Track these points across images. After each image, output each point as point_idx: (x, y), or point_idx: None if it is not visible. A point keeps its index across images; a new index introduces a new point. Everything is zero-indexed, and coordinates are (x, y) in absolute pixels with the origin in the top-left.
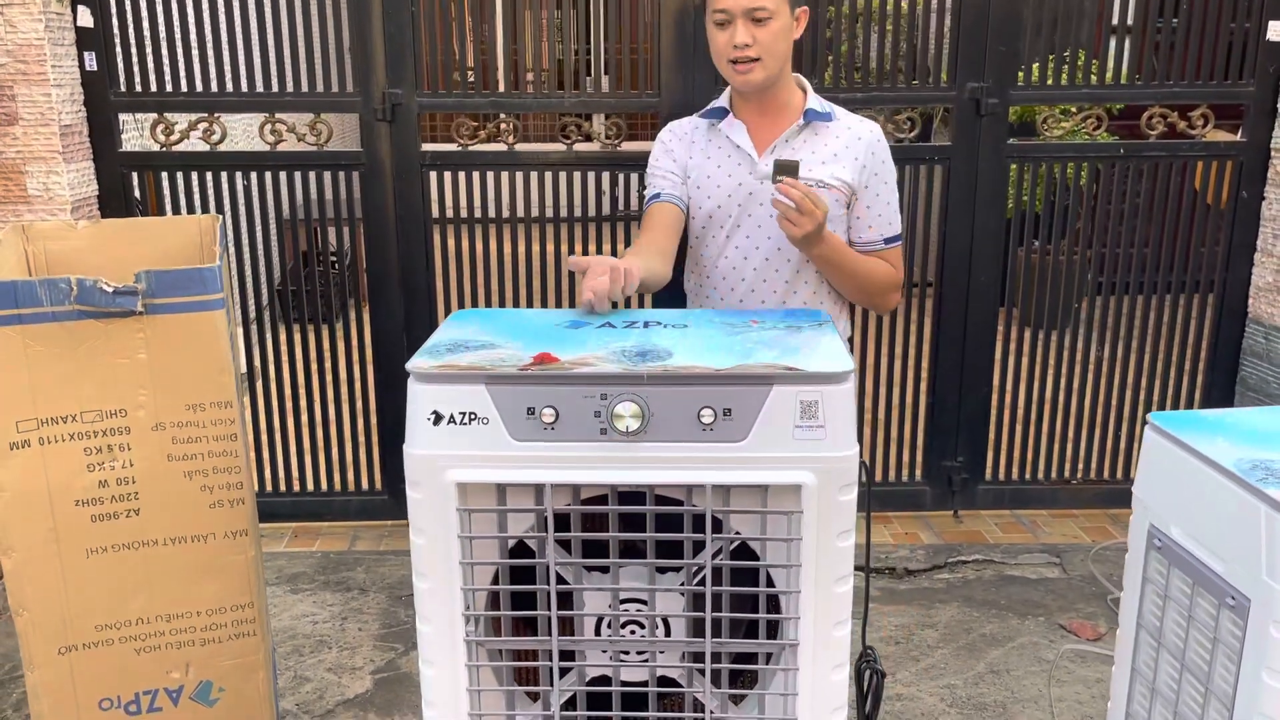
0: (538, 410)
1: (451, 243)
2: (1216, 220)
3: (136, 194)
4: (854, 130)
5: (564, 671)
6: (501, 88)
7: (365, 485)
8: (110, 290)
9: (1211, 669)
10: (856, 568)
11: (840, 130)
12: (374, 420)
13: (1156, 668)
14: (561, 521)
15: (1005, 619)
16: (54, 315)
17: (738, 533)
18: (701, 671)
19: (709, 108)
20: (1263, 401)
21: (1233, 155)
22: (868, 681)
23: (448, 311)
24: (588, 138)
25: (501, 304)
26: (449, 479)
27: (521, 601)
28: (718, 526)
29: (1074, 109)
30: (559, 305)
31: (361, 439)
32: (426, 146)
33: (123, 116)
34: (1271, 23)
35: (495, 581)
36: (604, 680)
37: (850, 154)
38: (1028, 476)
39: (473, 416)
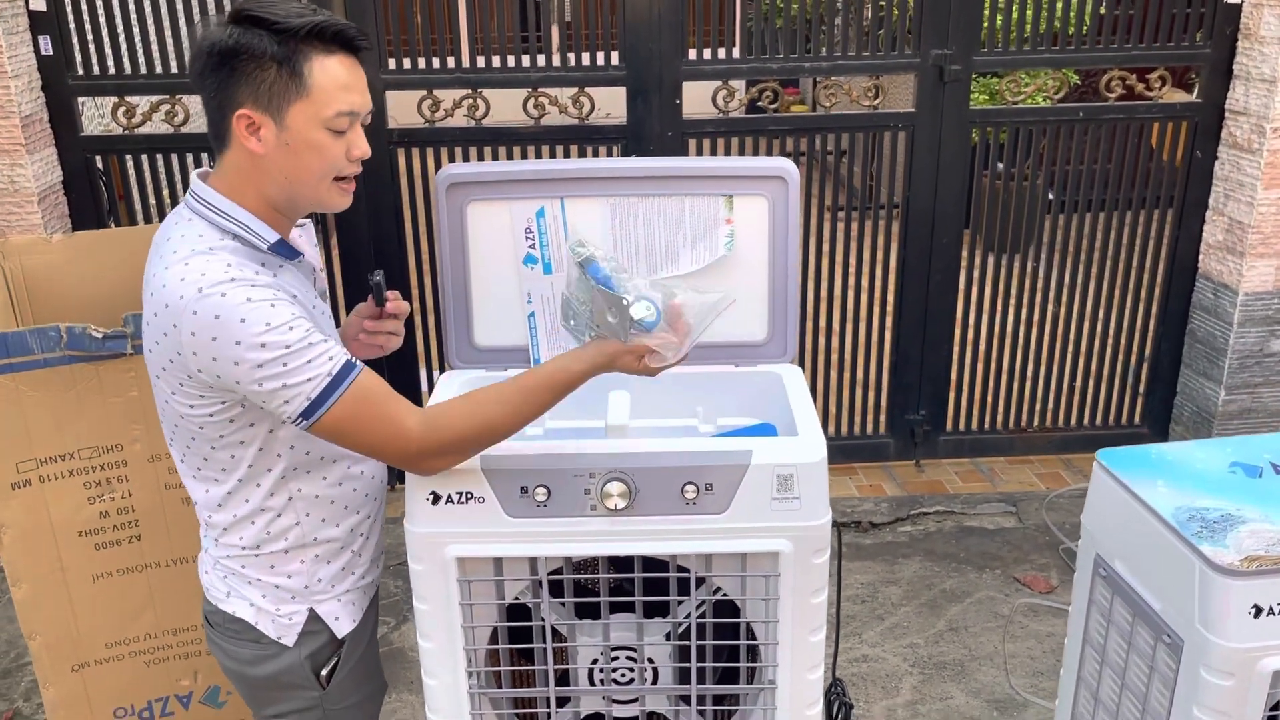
0: (530, 489)
1: (422, 217)
2: (1172, 177)
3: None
4: None
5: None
6: (466, 61)
7: None
8: (100, 336)
9: (1148, 691)
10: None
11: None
12: None
13: (1100, 679)
14: (556, 574)
15: (964, 573)
16: (45, 362)
17: (718, 589)
18: (687, 702)
19: (269, 245)
20: (1210, 354)
21: (1188, 116)
22: (836, 711)
23: (421, 291)
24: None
25: None
26: (449, 554)
27: (520, 650)
28: (701, 582)
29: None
30: None
31: None
32: (392, 124)
33: (82, 100)
34: None
35: (494, 638)
36: (599, 716)
37: (310, 238)
38: (986, 426)
39: (469, 496)
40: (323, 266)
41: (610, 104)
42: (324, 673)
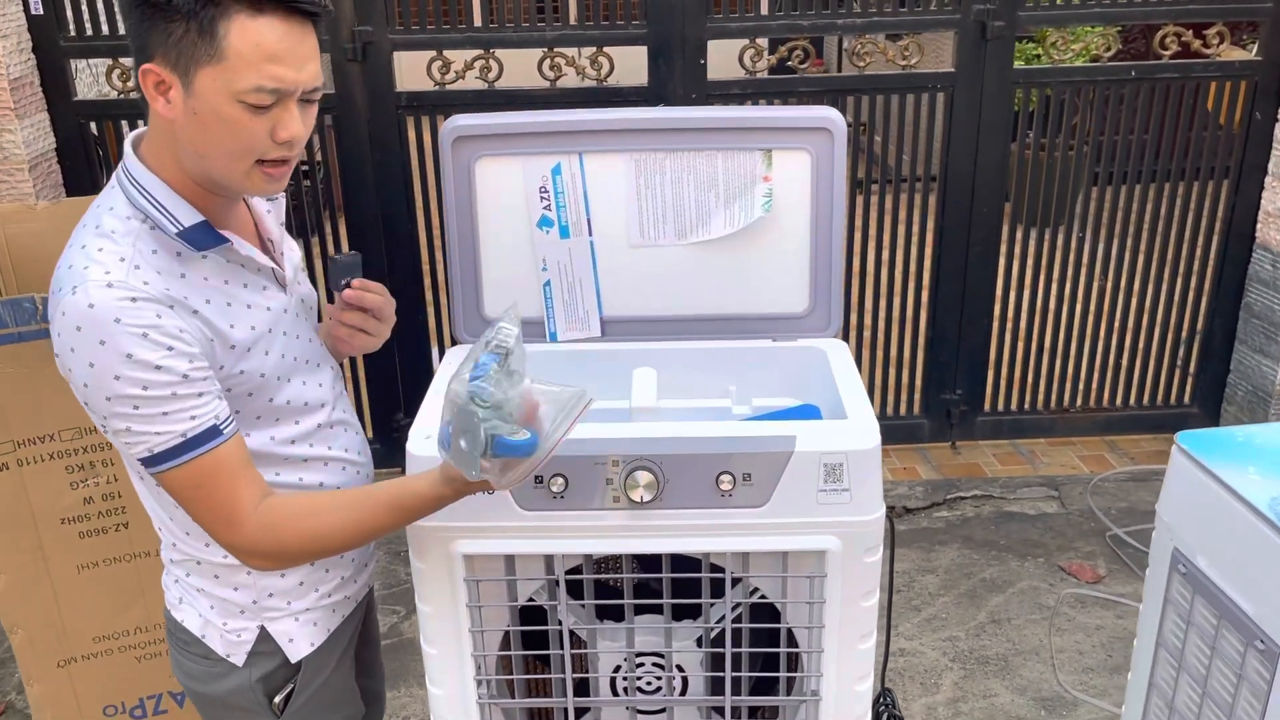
0: (546, 479)
1: (432, 187)
2: (1228, 142)
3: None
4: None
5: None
6: (478, 21)
7: None
8: None
9: (1235, 702)
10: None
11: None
12: (361, 370)
13: (1176, 687)
14: (574, 572)
15: (1005, 561)
16: (20, 335)
17: (756, 590)
18: (720, 714)
19: (178, 231)
20: (1268, 329)
21: (1247, 75)
22: None
23: (433, 267)
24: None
25: None
26: (456, 551)
27: (535, 656)
28: (737, 582)
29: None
30: None
31: (346, 383)
32: (400, 88)
33: (76, 62)
34: None
35: (506, 642)
36: None
37: (279, 215)
38: (1026, 406)
39: None
40: (279, 251)
41: (629, 73)
42: (278, 699)
